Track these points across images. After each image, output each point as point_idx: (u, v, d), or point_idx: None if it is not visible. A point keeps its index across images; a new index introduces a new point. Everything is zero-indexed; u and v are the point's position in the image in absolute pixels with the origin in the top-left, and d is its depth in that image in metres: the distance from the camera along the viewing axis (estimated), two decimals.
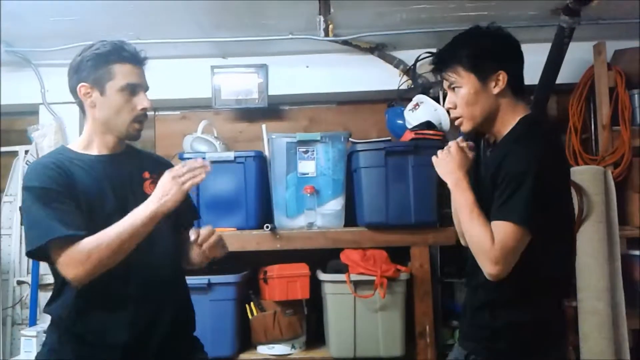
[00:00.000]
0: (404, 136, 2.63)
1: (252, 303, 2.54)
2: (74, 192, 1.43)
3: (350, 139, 2.66)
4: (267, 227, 2.47)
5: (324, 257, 2.54)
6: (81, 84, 1.49)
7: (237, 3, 2.36)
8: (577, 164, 2.66)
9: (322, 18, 2.45)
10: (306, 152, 2.58)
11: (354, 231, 2.52)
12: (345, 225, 2.58)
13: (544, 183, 1.31)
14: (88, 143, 1.54)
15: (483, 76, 1.44)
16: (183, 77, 2.95)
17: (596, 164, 2.60)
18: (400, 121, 2.74)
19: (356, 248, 2.47)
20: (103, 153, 1.53)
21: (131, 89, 1.50)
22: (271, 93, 2.93)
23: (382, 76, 2.90)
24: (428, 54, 2.71)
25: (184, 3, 2.32)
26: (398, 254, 2.48)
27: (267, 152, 2.64)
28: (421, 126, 2.58)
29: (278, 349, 2.50)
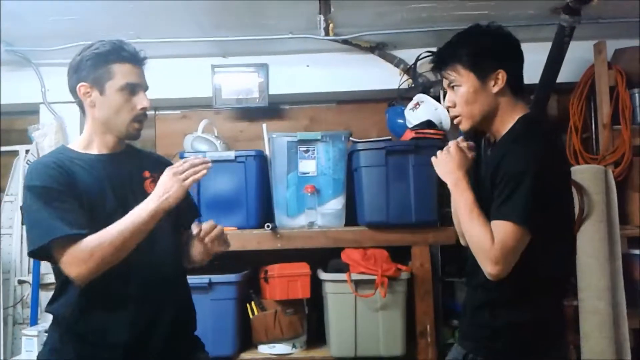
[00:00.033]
0: (405, 135, 2.64)
1: (253, 302, 2.54)
2: (76, 192, 1.43)
3: (350, 139, 2.66)
4: (268, 227, 2.47)
5: (325, 257, 2.54)
6: (81, 84, 1.49)
7: (237, 3, 2.35)
8: (578, 163, 2.66)
9: (323, 17, 2.46)
10: (307, 152, 2.58)
11: (355, 230, 2.52)
12: (345, 224, 2.58)
13: (543, 182, 1.31)
14: (88, 143, 1.54)
15: (482, 75, 1.44)
16: (183, 77, 2.95)
17: (597, 163, 2.60)
18: (400, 120, 2.74)
19: (357, 247, 2.47)
20: (103, 152, 1.54)
21: (131, 89, 1.50)
22: (272, 92, 2.92)
23: (383, 75, 2.90)
24: (428, 53, 2.71)
25: (184, 3, 2.32)
26: (399, 254, 2.48)
27: (268, 152, 2.64)
28: (422, 125, 2.58)
29: (279, 348, 2.50)
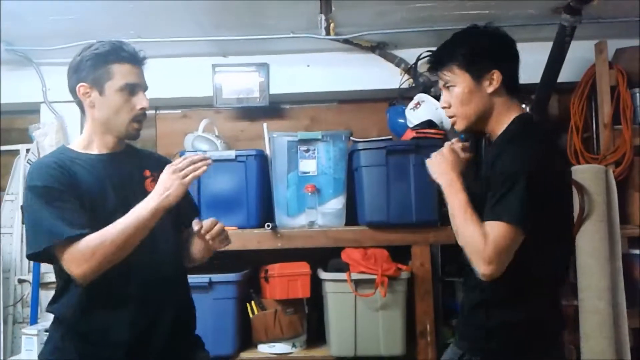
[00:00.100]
0: (405, 135, 2.63)
1: (253, 302, 2.54)
2: (77, 192, 1.43)
3: (351, 138, 2.66)
4: (268, 226, 2.47)
5: (325, 256, 2.54)
6: (80, 84, 1.50)
7: (238, 3, 2.35)
8: (579, 163, 2.66)
9: (323, 17, 2.46)
10: (307, 151, 2.58)
11: (355, 230, 2.52)
12: (346, 224, 2.58)
13: (538, 183, 1.30)
14: (88, 143, 1.55)
15: (477, 75, 1.44)
16: (184, 76, 2.94)
17: (597, 163, 2.60)
18: (401, 120, 2.74)
19: (357, 247, 2.47)
20: (103, 152, 1.54)
21: (130, 89, 1.51)
22: (272, 92, 2.92)
23: (383, 75, 2.89)
24: (429, 53, 2.67)
25: (184, 3, 2.32)
26: (399, 253, 2.48)
27: (268, 151, 2.64)
28: (422, 125, 2.57)
29: (279, 348, 2.50)
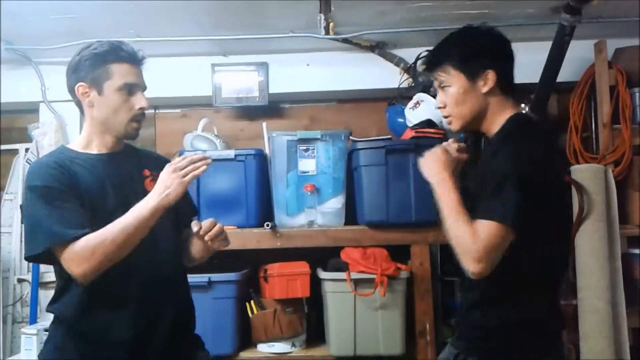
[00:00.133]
0: (405, 134, 2.63)
1: (253, 301, 2.54)
2: (77, 191, 1.43)
3: (350, 137, 2.66)
4: (268, 226, 2.47)
5: (324, 256, 2.54)
6: (79, 84, 1.50)
7: (237, 3, 2.35)
8: (578, 163, 2.66)
9: (323, 16, 2.45)
10: (307, 150, 2.58)
11: (355, 229, 2.52)
12: (345, 223, 2.58)
13: (531, 182, 1.29)
14: (87, 142, 1.55)
15: (471, 75, 1.44)
16: (183, 75, 2.94)
17: (597, 163, 2.60)
18: (400, 119, 2.74)
19: (356, 246, 2.47)
20: (103, 152, 1.54)
21: (129, 89, 1.51)
22: (272, 91, 2.92)
23: (383, 74, 2.89)
24: (428, 53, 2.71)
25: (184, 3, 2.32)
26: (398, 253, 2.48)
27: (268, 150, 2.64)
28: (422, 124, 2.57)
29: (278, 347, 2.50)
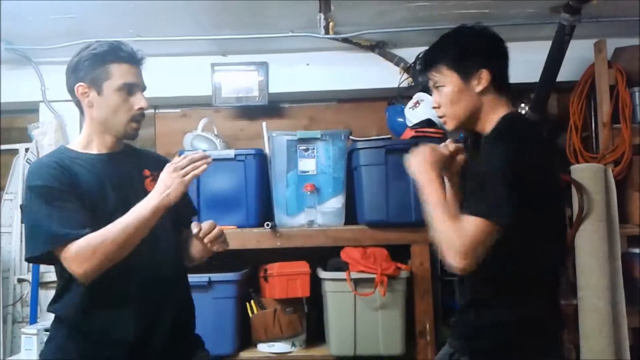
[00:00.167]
0: (405, 134, 2.64)
1: (253, 301, 2.55)
2: (77, 191, 1.43)
3: (350, 137, 2.66)
4: (268, 225, 2.47)
5: (324, 255, 2.54)
6: (79, 84, 1.50)
7: (237, 2, 2.35)
8: (578, 162, 2.66)
9: (323, 16, 2.46)
10: (306, 150, 2.58)
11: (355, 229, 2.52)
12: (345, 223, 2.57)
13: (519, 179, 1.28)
14: (87, 142, 1.54)
15: (465, 75, 1.44)
16: (183, 75, 2.94)
17: (597, 162, 2.60)
18: (400, 119, 2.74)
19: (356, 246, 2.47)
20: (103, 152, 1.54)
21: (128, 89, 1.50)
22: (271, 91, 2.92)
23: (383, 74, 2.90)
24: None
25: (184, 3, 2.32)
26: (398, 252, 2.48)
27: (268, 150, 2.64)
28: (422, 124, 2.57)
29: (278, 347, 2.50)
